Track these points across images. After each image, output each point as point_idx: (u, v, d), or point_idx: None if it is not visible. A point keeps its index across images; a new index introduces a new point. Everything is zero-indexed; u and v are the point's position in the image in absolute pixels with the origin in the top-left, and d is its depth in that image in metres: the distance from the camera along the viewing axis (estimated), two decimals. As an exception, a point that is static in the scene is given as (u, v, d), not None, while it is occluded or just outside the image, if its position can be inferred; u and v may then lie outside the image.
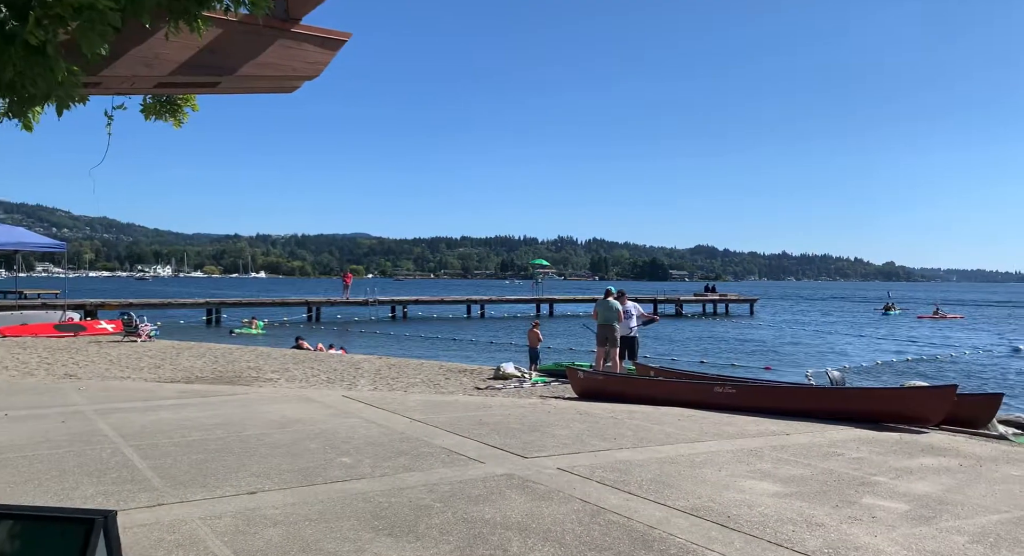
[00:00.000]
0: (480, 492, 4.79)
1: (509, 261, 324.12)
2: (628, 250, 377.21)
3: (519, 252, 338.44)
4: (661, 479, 5.22)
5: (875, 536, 4.02)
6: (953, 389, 7.86)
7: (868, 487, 5.12)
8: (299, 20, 3.32)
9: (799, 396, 8.88)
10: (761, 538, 3.96)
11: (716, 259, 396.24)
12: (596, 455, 6.02)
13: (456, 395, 10.83)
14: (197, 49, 2.97)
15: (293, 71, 3.54)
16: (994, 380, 19.69)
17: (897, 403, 7.93)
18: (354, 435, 6.69)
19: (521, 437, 6.70)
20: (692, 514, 4.38)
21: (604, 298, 13.15)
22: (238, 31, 3.11)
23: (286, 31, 3.39)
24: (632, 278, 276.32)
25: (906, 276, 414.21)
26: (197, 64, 3.00)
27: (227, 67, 3.14)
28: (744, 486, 5.08)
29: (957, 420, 8.06)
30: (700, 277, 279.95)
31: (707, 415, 8.34)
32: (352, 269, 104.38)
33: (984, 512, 4.55)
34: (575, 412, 8.44)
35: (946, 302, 73.78)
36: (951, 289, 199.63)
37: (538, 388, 12.46)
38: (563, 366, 13.50)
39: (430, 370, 14.66)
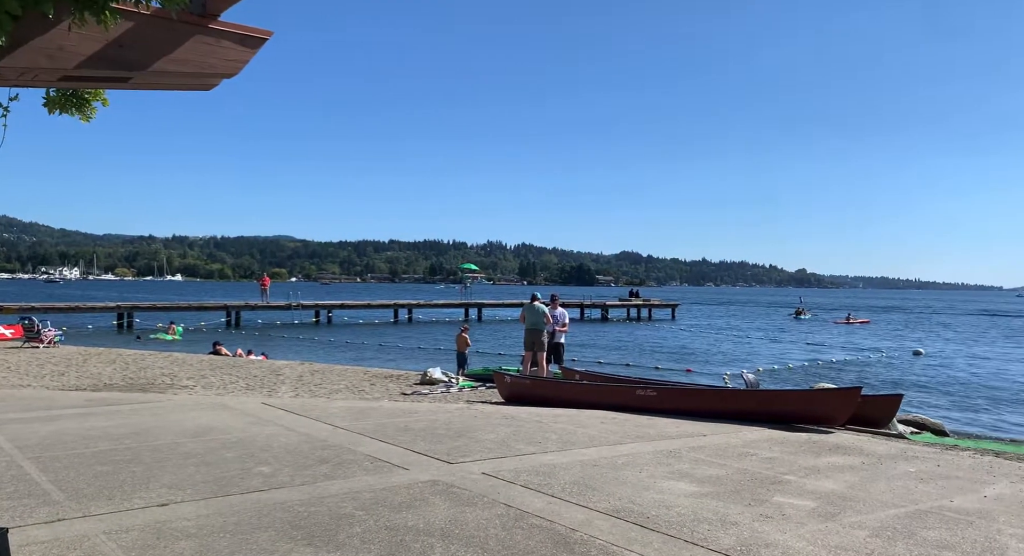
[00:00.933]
0: (404, 499, 4.74)
1: (438, 265, 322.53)
2: (556, 255, 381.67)
3: (448, 256, 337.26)
4: (584, 482, 5.30)
5: (784, 533, 4.20)
6: (857, 391, 8.29)
7: (779, 486, 5.34)
8: (217, 16, 3.21)
9: (716, 398, 9.19)
10: (678, 537, 4.07)
11: (641, 265, 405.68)
12: (521, 459, 6.06)
13: (381, 401, 10.68)
14: (105, 42, 2.83)
15: (211, 68, 3.42)
16: (895, 381, 20.90)
17: (806, 404, 8.32)
18: (273, 443, 6.51)
19: (447, 443, 6.67)
20: (613, 516, 4.46)
21: (531, 302, 13.26)
22: (150, 25, 2.99)
23: (203, 27, 3.28)
24: (560, 283, 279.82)
25: (817, 282, 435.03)
26: (105, 58, 2.87)
27: (138, 62, 3.01)
28: (663, 487, 5.22)
29: (861, 420, 8.51)
30: (625, 282, 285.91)
31: (629, 418, 8.52)
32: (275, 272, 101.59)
33: (883, 507, 4.82)
34: (501, 416, 8.47)
35: (855, 308, 77.98)
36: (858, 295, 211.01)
37: (465, 393, 12.44)
38: (491, 371, 13.52)
39: (354, 376, 14.42)
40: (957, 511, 4.74)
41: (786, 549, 3.91)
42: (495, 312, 52.21)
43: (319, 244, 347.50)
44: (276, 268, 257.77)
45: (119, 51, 2.93)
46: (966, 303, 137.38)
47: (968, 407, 16.74)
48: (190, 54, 3.23)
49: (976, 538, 4.16)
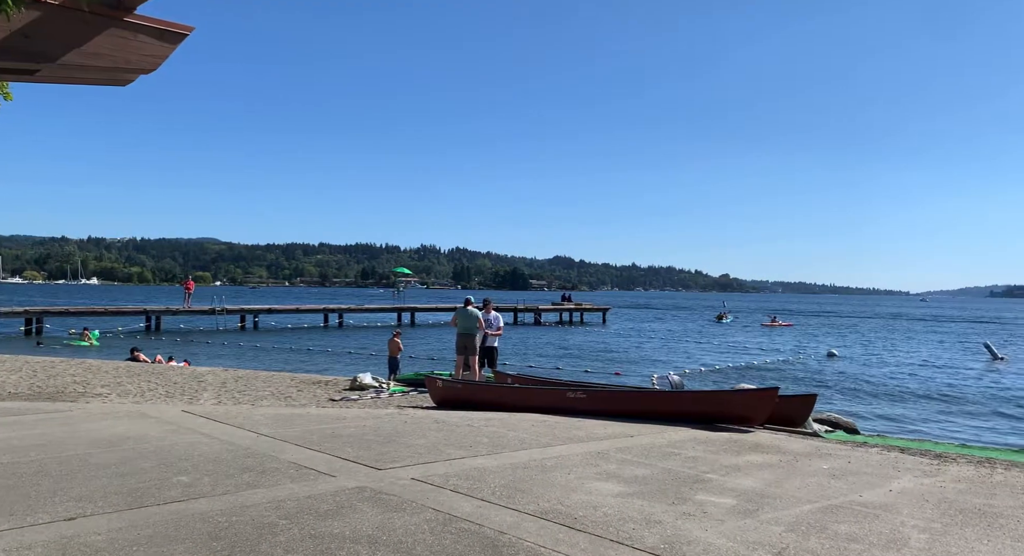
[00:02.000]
0: (330, 507, 4.65)
1: (370, 269, 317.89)
2: (491, 260, 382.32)
3: (381, 260, 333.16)
4: (513, 485, 5.33)
5: (706, 530, 4.33)
6: (775, 391, 8.64)
7: (701, 484, 5.51)
8: (133, 10, 3.09)
9: (643, 400, 9.40)
10: (604, 537, 4.14)
11: (573, 270, 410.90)
12: (451, 463, 6.04)
13: (308, 408, 10.45)
14: (8, 32, 2.68)
15: (126, 63, 3.29)
16: (811, 382, 21.85)
17: (728, 405, 8.60)
18: (193, 452, 6.28)
19: (376, 448, 6.59)
20: (541, 517, 4.50)
21: (463, 307, 13.24)
22: (60, 16, 2.85)
23: (118, 20, 3.15)
24: (494, 287, 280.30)
25: (739, 287, 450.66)
26: (8, 49, 2.72)
27: (46, 54, 2.87)
28: (591, 488, 5.30)
29: (779, 419, 8.86)
30: (558, 287, 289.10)
31: (560, 420, 8.62)
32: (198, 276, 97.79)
33: (798, 503, 5.03)
34: (432, 421, 8.43)
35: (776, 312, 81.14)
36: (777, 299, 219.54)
37: (396, 398, 12.31)
38: (422, 375, 13.43)
39: (281, 382, 14.06)
40: (865, 505, 4.99)
41: (707, 546, 4.04)
42: (428, 316, 51.84)
43: (245, 247, 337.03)
44: (200, 272, 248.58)
45: (25, 42, 2.79)
46: (876, 307, 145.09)
47: (877, 406, 17.66)
48: (103, 48, 3.10)
49: (882, 530, 4.40)
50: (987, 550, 4.06)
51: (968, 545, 4.13)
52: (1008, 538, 4.30)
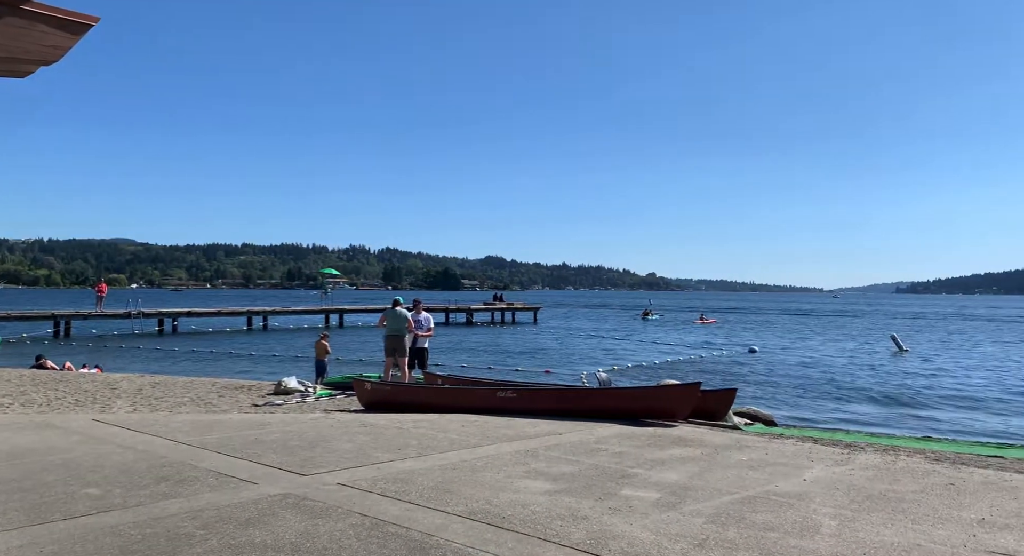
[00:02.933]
0: (251, 515, 4.52)
1: (297, 270, 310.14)
2: (422, 260, 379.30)
3: (308, 261, 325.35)
4: (442, 486, 5.30)
5: (631, 524, 4.42)
6: (697, 386, 8.91)
7: (627, 479, 5.62)
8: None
9: (572, 397, 9.53)
10: (532, 535, 4.17)
11: (505, 269, 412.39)
12: (379, 467, 5.96)
13: (230, 413, 10.11)
14: None
15: (25, 53, 3.10)
16: (732, 376, 22.63)
17: (653, 400, 8.82)
18: (104, 463, 5.97)
19: (300, 454, 6.44)
20: (469, 518, 4.50)
21: (392, 308, 13.09)
22: (-54, 1, 2.66)
23: (16, 9, 2.96)
24: (426, 287, 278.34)
25: (665, 285, 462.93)
26: None
27: (-69, 41, 2.67)
28: (520, 486, 5.33)
29: (702, 413, 9.15)
30: (490, 286, 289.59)
31: (490, 419, 8.64)
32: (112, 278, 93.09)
33: (719, 495, 5.20)
34: (360, 424, 8.30)
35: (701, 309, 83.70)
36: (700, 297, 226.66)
37: (323, 402, 12.06)
38: (350, 378, 13.20)
39: (201, 388, 13.56)
40: (781, 495, 5.21)
41: (631, 540, 4.12)
42: (357, 318, 51.01)
43: (163, 248, 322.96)
44: (114, 274, 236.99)
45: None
46: (792, 304, 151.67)
47: (793, 398, 18.45)
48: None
49: (796, 518, 4.59)
50: (891, 533, 4.30)
51: (874, 529, 4.36)
52: (909, 521, 4.57)
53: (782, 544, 4.06)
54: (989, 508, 4.90)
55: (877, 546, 4.04)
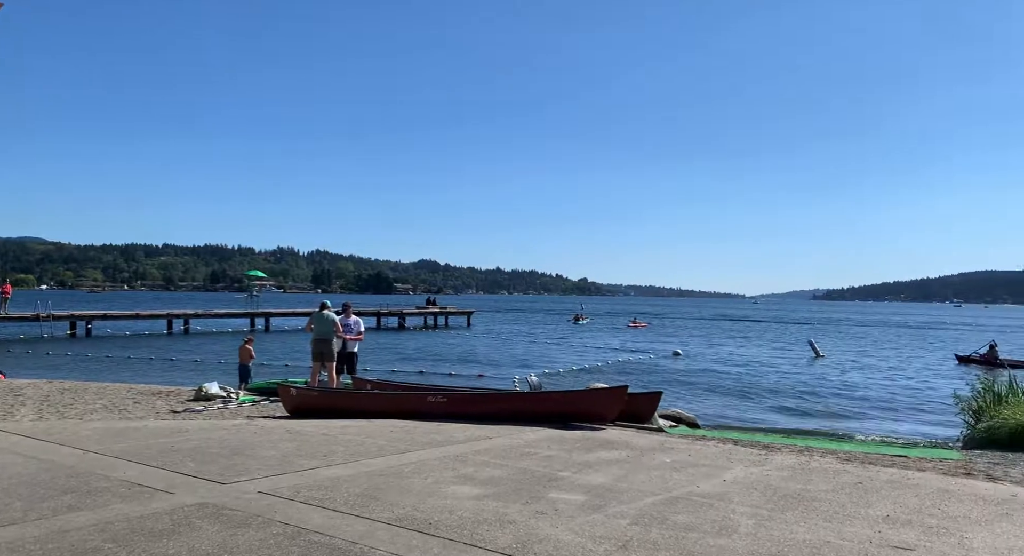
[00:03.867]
0: (165, 526, 4.33)
1: (221, 272, 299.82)
2: (353, 263, 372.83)
3: (233, 263, 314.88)
4: (369, 493, 5.22)
5: (557, 527, 4.46)
6: (624, 389, 9.08)
7: (554, 482, 5.67)
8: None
9: (503, 401, 9.55)
10: (458, 541, 4.16)
11: (438, 273, 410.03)
12: (303, 475, 5.82)
13: (146, 421, 9.67)
14: None
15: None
16: (658, 379, 23.16)
17: (582, 403, 8.94)
18: (3, 474, 5.61)
19: (220, 462, 6.22)
20: (395, 525, 4.44)
21: (319, 311, 12.82)
22: None
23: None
24: (357, 291, 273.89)
25: (596, 290, 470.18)
26: None
27: None
28: (448, 492, 5.30)
29: (629, 416, 9.32)
30: (423, 290, 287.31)
31: (419, 425, 8.57)
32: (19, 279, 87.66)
33: (643, 496, 5.31)
34: (284, 431, 8.09)
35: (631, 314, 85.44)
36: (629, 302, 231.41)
37: (246, 408, 11.69)
38: (275, 384, 12.83)
39: (115, 394, 12.93)
40: (702, 495, 5.36)
41: (557, 543, 4.16)
42: (285, 321, 49.72)
43: (77, 247, 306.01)
44: (21, 274, 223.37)
45: None
46: (715, 309, 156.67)
47: (716, 400, 19.03)
48: None
49: (715, 518, 4.73)
50: (803, 531, 4.48)
51: (788, 528, 4.54)
52: (821, 519, 4.77)
53: (702, 544, 4.17)
54: (893, 505, 5.17)
55: (791, 544, 4.20)
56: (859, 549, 4.13)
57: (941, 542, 4.30)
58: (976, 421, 9.94)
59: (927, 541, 4.31)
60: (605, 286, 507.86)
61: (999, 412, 9.21)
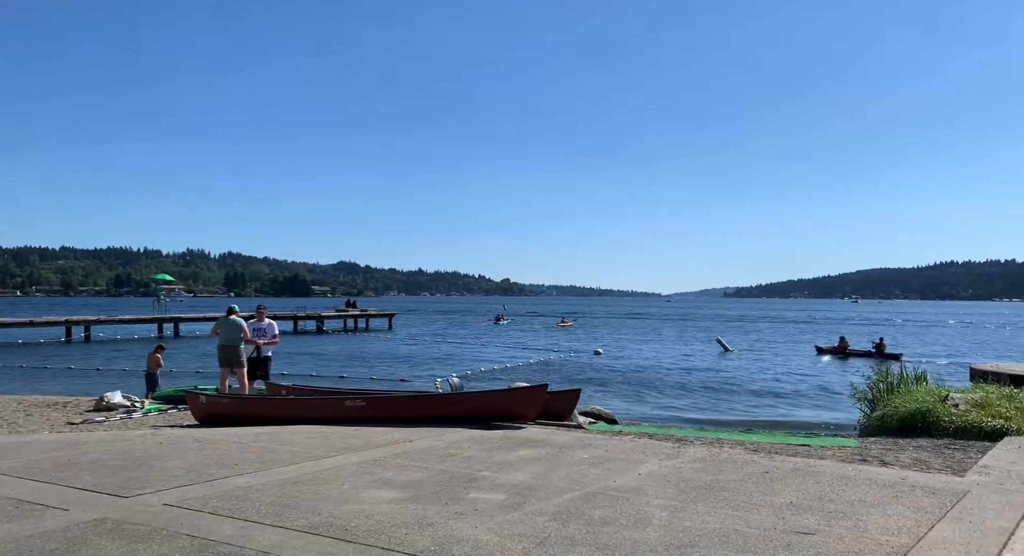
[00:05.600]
0: (59, 545, 4.06)
1: (125, 276, 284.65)
2: (268, 265, 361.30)
3: (139, 266, 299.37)
4: (282, 501, 5.07)
5: (476, 527, 4.45)
6: (544, 387, 9.17)
7: (475, 483, 5.66)
8: None
9: (423, 403, 9.47)
10: (375, 546, 4.09)
11: (358, 275, 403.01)
12: (212, 484, 5.59)
13: (39, 434, 9.07)
14: None
15: None
16: (578, 377, 23.55)
17: (503, 403, 8.97)
18: None
19: (122, 474, 5.89)
20: (310, 532, 4.33)
21: (226, 316, 12.38)
22: None
23: None
24: (273, 294, 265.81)
25: (519, 291, 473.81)
26: None
27: None
28: (365, 496, 5.21)
29: (549, 414, 9.42)
30: (342, 293, 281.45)
31: (337, 430, 8.39)
32: None
33: (561, 493, 5.37)
34: (193, 440, 7.75)
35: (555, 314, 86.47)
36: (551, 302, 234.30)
37: (152, 417, 11.15)
38: (183, 391, 12.30)
39: (5, 407, 12.08)
40: (618, 490, 5.47)
41: (476, 543, 4.15)
42: (195, 326, 47.72)
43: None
44: None
45: None
46: (633, 307, 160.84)
47: (634, 396, 19.53)
48: None
49: (630, 511, 4.84)
50: (713, 520, 4.65)
51: (699, 518, 4.70)
52: (730, 508, 4.96)
53: (617, 537, 4.26)
54: (796, 492, 5.44)
55: (701, 533, 4.35)
56: (764, 535, 4.32)
57: (839, 525, 4.55)
58: (871, 410, 10.57)
59: (826, 525, 4.55)
60: (528, 286, 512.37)
61: (891, 401, 9.83)
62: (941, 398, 9.33)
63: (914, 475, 6.20)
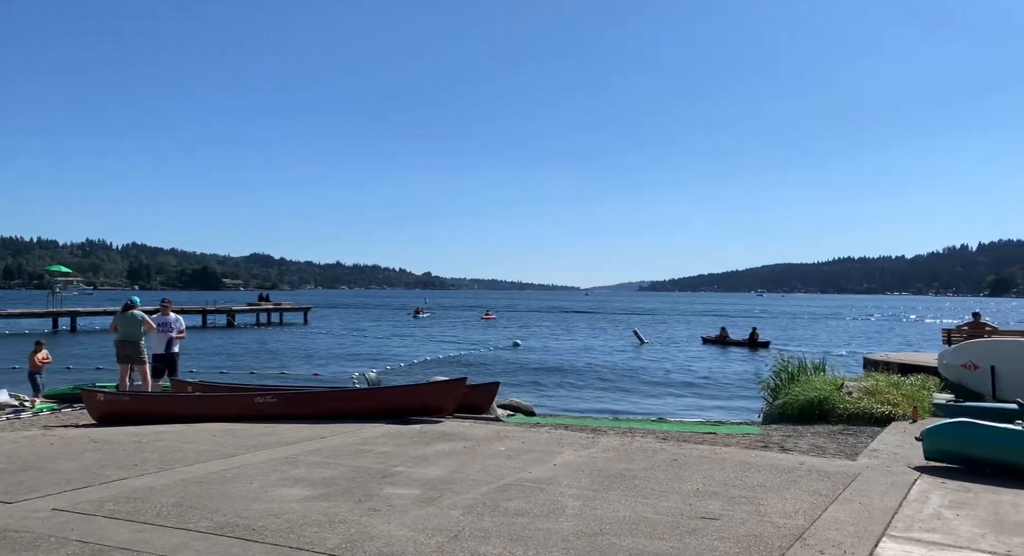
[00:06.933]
0: (-69, 558, 3.75)
1: (16, 267, 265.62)
2: (176, 257, 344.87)
3: (31, 257, 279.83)
4: (186, 502, 4.85)
5: (389, 523, 4.40)
6: (463, 381, 9.16)
7: (390, 478, 5.60)
8: None
9: (338, 399, 9.28)
10: (284, 545, 3.98)
11: (273, 268, 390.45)
12: (109, 486, 5.30)
13: (-87, 437, 8.35)
14: None
15: None
16: (497, 370, 23.67)
17: (420, 397, 8.90)
18: None
19: (6, 479, 5.50)
20: (214, 533, 4.16)
21: (123, 310, 11.76)
22: None
23: None
24: (181, 287, 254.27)
25: (440, 285, 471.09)
26: None
27: None
28: (275, 495, 5.06)
29: (468, 407, 9.42)
30: (255, 286, 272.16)
31: (247, 427, 8.12)
32: None
33: (477, 486, 5.38)
34: (88, 440, 7.32)
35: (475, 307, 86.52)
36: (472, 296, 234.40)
37: (44, 417, 10.47)
38: (79, 388, 11.59)
39: None
40: (533, 481, 5.53)
41: (388, 539, 4.10)
42: (95, 321, 45.10)
43: None
44: None
45: None
46: (553, 301, 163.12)
47: (552, 388, 19.81)
48: None
49: (544, 502, 4.90)
50: (624, 508, 4.76)
51: (611, 506, 4.81)
52: (640, 496, 5.10)
53: (531, 527, 4.31)
54: (703, 479, 5.65)
55: (612, 521, 4.45)
56: (672, 522, 4.46)
57: (741, 510, 4.75)
58: (774, 398, 11.10)
59: (730, 510, 4.75)
60: (449, 280, 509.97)
61: (792, 390, 10.36)
62: (837, 386, 9.90)
63: (811, 460, 6.55)
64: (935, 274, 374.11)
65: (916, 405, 8.87)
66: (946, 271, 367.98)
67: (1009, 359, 10.12)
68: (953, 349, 11.26)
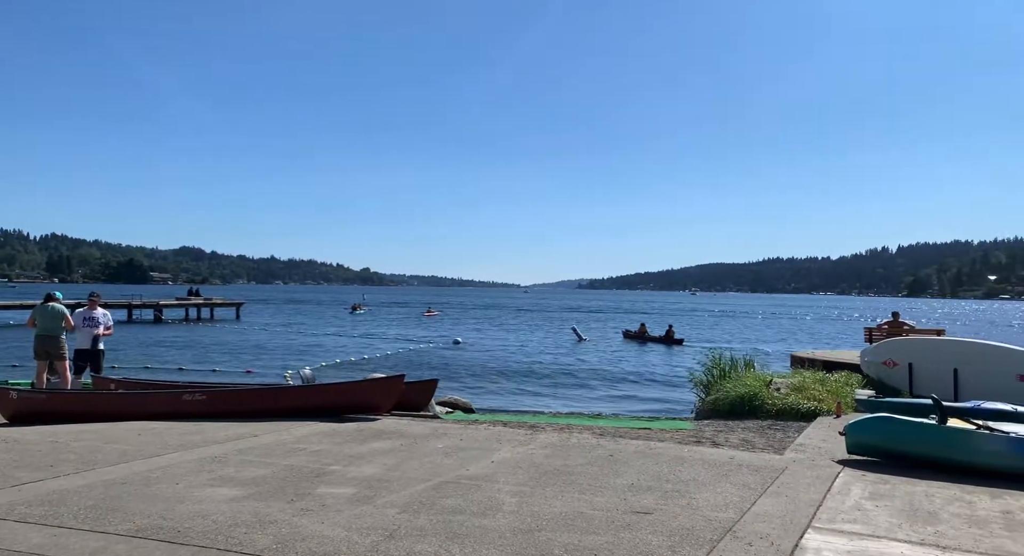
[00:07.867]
0: None
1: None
2: (100, 249, 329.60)
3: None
4: (105, 504, 4.64)
5: (323, 523, 4.30)
6: (401, 378, 9.05)
7: (323, 477, 5.48)
8: None
9: (270, 397, 9.03)
10: (211, 547, 3.84)
11: (204, 262, 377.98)
12: (21, 489, 5.01)
13: None
14: None
15: None
16: (437, 367, 23.54)
17: (356, 395, 8.75)
18: None
19: (-94, 484, 5.13)
20: (136, 536, 3.99)
21: (43, 303, 11.18)
22: None
23: None
24: (104, 280, 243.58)
25: (379, 281, 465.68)
26: None
27: None
28: (202, 496, 4.89)
29: (406, 405, 9.32)
30: (185, 280, 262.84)
31: (174, 426, 7.82)
32: None
33: (414, 483, 5.32)
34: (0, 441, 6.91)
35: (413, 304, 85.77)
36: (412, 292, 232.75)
37: (-50, 417, 9.81)
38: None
39: None
40: (471, 478, 5.51)
41: (321, 539, 4.01)
42: (9, 315, 42.70)
43: None
44: None
45: None
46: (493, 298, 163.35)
47: (491, 385, 19.82)
48: None
49: (481, 499, 4.89)
50: (560, 504, 4.79)
51: (548, 502, 4.83)
52: (576, 491, 5.14)
53: (467, 525, 4.28)
54: (638, 474, 5.74)
55: (548, 517, 4.47)
56: (607, 517, 4.51)
57: (673, 504, 4.85)
58: (706, 394, 11.39)
59: (663, 504, 4.83)
60: (388, 276, 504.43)
61: (723, 386, 10.64)
62: (766, 383, 10.22)
63: (741, 455, 6.74)
64: (858, 275, 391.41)
65: (840, 401, 9.24)
66: (868, 272, 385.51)
67: (925, 357, 10.65)
68: (874, 347, 11.78)
